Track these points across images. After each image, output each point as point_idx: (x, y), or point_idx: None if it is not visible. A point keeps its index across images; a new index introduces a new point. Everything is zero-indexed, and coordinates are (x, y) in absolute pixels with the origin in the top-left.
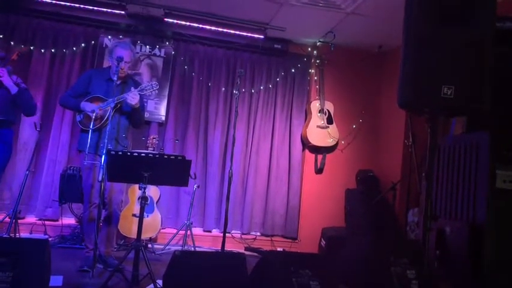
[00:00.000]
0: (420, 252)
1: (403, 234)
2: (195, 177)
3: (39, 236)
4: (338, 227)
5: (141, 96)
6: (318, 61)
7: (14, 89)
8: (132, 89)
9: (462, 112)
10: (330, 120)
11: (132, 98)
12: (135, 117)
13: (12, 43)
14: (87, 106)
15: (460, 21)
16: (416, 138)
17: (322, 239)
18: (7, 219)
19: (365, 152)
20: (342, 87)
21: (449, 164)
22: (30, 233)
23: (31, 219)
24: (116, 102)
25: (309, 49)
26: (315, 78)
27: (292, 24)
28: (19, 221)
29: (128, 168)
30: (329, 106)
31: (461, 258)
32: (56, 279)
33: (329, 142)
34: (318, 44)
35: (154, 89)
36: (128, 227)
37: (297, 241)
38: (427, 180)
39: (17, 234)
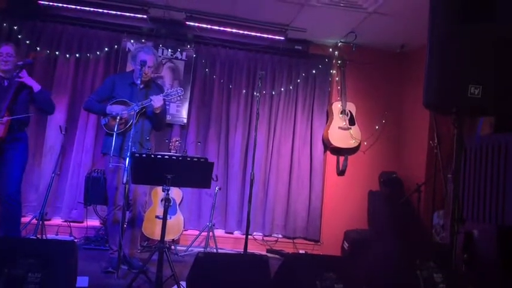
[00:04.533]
0: (447, 256)
1: (428, 237)
2: (217, 179)
3: (65, 237)
4: (361, 230)
5: (164, 101)
6: (339, 62)
7: (37, 87)
8: (161, 95)
9: (490, 112)
10: (352, 122)
11: (156, 102)
12: (156, 120)
13: (38, 48)
14: (112, 109)
15: (487, 17)
16: (442, 138)
17: (345, 242)
18: (34, 221)
19: (388, 154)
20: (364, 88)
21: (477, 165)
22: (56, 235)
23: (57, 220)
24: (140, 107)
25: (330, 50)
26: (337, 79)
27: (313, 25)
28: (45, 222)
29: (152, 171)
30: (351, 107)
31: (491, 261)
32: (82, 280)
33: (351, 143)
34: (339, 44)
35: (179, 94)
36: (151, 228)
37: (319, 243)
38: (454, 182)
39: (44, 236)
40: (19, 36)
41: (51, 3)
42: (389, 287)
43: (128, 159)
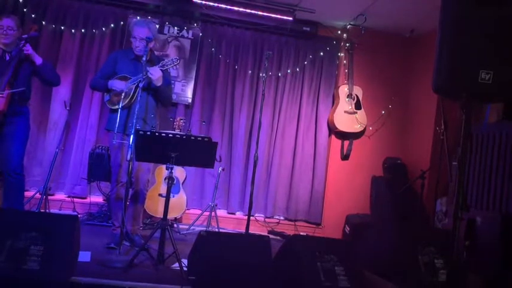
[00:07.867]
0: (448, 242)
1: (430, 223)
2: (220, 160)
3: (69, 212)
4: (363, 214)
5: (166, 73)
6: (347, 44)
7: (39, 60)
8: (157, 66)
9: (500, 98)
10: (358, 106)
11: (154, 74)
12: (159, 94)
13: (44, 23)
14: (114, 84)
15: (499, 1)
16: (448, 125)
17: (347, 226)
18: (38, 195)
19: (393, 139)
20: (371, 72)
21: (483, 152)
22: (60, 210)
23: (60, 196)
24: (138, 79)
25: (339, 32)
26: (344, 62)
27: (322, 6)
28: (49, 197)
29: (156, 148)
30: (358, 91)
31: (492, 248)
32: (84, 255)
33: (356, 128)
34: (348, 27)
35: (175, 63)
36: (154, 206)
37: (320, 227)
38: (460, 168)
39: (47, 210)
40: (24, 10)
41: None
42: (390, 272)
43: (132, 136)
